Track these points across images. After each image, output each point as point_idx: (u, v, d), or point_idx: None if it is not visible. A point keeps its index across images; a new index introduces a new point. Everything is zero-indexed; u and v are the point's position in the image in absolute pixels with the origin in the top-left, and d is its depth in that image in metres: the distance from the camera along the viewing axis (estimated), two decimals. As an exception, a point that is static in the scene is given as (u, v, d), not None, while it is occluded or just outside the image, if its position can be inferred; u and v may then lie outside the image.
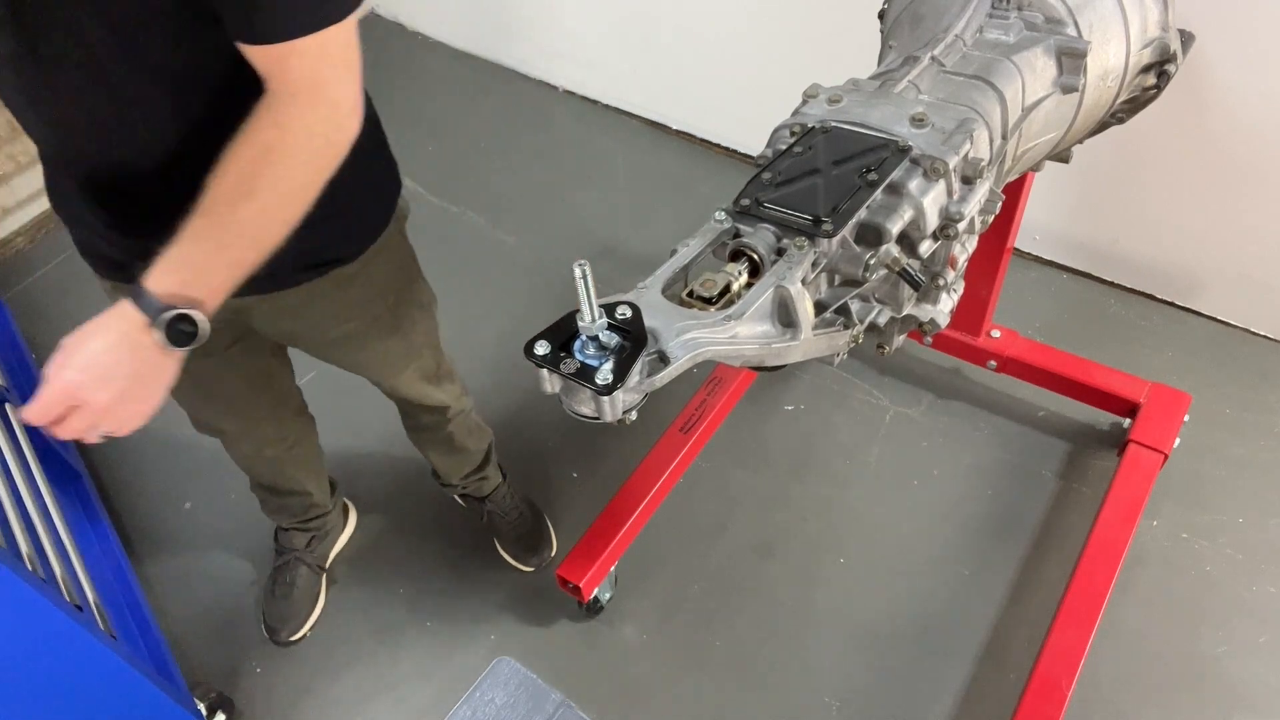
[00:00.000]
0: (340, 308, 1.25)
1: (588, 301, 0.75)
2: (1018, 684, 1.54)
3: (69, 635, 1.26)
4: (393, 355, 1.41)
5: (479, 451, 1.76)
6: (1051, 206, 2.17)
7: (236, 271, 0.89)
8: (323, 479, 1.76)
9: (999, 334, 1.95)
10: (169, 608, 1.85)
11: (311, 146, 0.88)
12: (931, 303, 1.13)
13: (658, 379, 0.82)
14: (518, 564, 1.86)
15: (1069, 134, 1.32)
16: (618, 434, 2.02)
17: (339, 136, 0.90)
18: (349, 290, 1.23)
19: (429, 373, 1.50)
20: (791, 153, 1.03)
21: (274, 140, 0.86)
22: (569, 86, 2.98)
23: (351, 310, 1.27)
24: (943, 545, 1.83)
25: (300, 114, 0.86)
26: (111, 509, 2.00)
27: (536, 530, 1.87)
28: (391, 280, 1.31)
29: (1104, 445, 1.95)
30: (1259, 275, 2.02)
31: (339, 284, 1.20)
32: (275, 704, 1.72)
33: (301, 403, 1.61)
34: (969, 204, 1.03)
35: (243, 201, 0.86)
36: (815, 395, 2.10)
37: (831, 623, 1.75)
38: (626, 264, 2.42)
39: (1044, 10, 1.23)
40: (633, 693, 1.69)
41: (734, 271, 0.93)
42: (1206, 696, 1.60)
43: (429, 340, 1.47)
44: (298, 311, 1.22)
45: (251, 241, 0.89)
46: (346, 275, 1.20)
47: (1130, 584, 1.72)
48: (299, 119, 0.87)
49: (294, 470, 1.65)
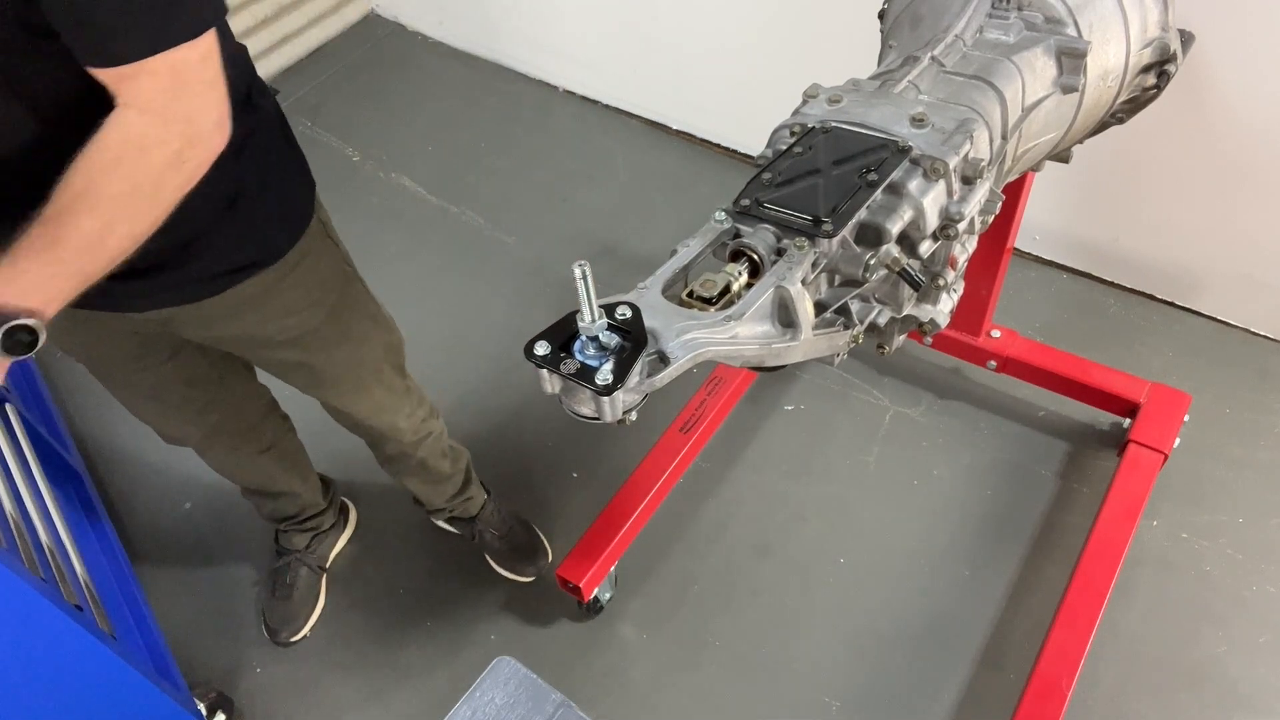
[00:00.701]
0: (271, 313, 1.23)
1: (588, 302, 0.75)
2: (1018, 684, 1.54)
3: (69, 635, 1.26)
4: (342, 369, 1.37)
5: (458, 473, 1.74)
6: (1051, 206, 2.17)
7: (77, 282, 0.87)
8: (310, 477, 1.75)
9: (999, 334, 1.95)
10: (169, 608, 1.85)
11: (161, 162, 0.85)
12: (931, 303, 1.13)
13: (658, 379, 0.81)
14: (516, 576, 1.84)
15: (1069, 134, 1.32)
16: (618, 434, 2.02)
17: (194, 152, 0.88)
18: (279, 295, 1.20)
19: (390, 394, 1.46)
20: (791, 153, 1.03)
21: (120, 154, 0.84)
22: (569, 86, 2.98)
23: (285, 315, 1.24)
24: (942, 545, 1.83)
25: (151, 130, 0.84)
26: (111, 509, 2.00)
27: (529, 541, 1.86)
28: (325, 283, 1.27)
29: (1104, 445, 1.95)
30: (1259, 275, 2.02)
31: (265, 288, 1.18)
32: (275, 704, 1.72)
33: (271, 403, 1.59)
34: (969, 204, 1.03)
35: (85, 214, 0.84)
36: (815, 395, 2.10)
37: (831, 623, 1.75)
38: (626, 264, 2.42)
39: (1044, 10, 1.23)
40: (633, 693, 1.69)
41: (734, 272, 0.93)
42: (1206, 696, 1.60)
43: (389, 358, 1.44)
44: (227, 320, 1.20)
45: (92, 253, 0.86)
46: (272, 279, 1.18)
47: (1130, 584, 1.72)
48: (150, 134, 0.84)
49: (276, 471, 1.64)
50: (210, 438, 1.51)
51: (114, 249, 0.87)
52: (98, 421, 2.19)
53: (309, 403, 1.66)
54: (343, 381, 1.40)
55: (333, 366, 1.36)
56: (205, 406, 1.45)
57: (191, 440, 1.51)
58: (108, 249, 0.87)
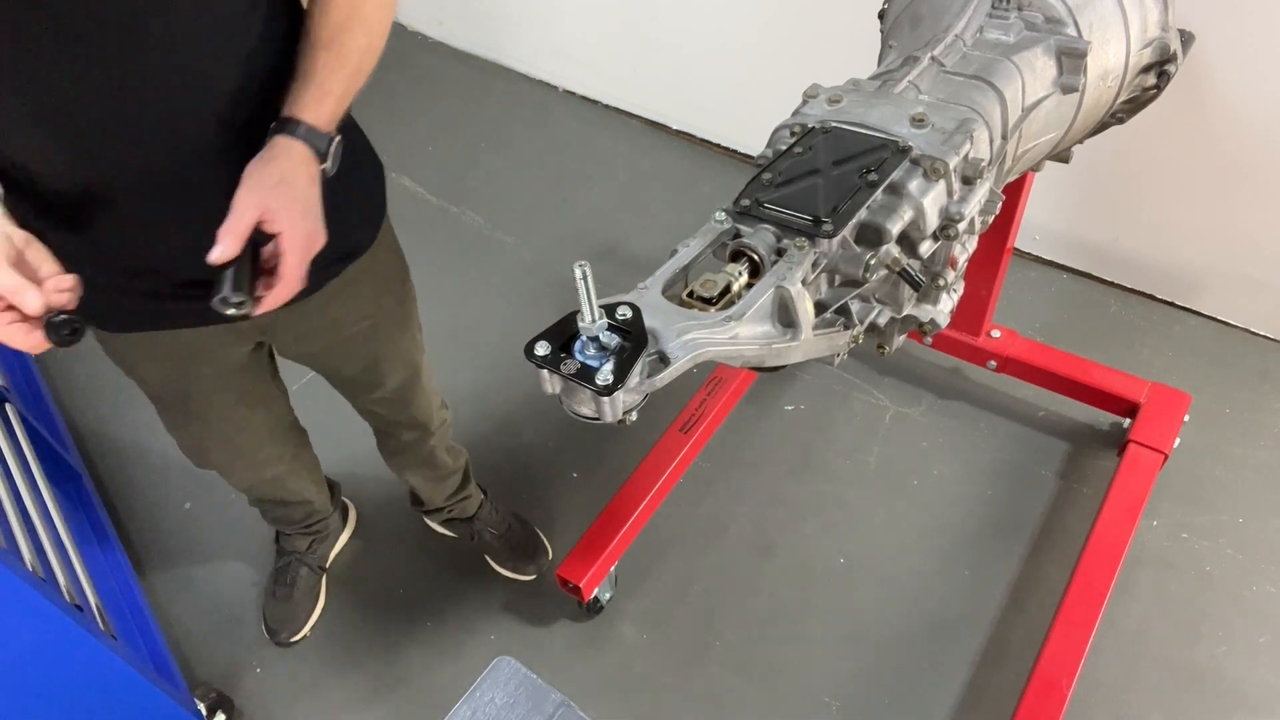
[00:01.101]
0: (355, 304, 1.24)
1: (588, 302, 0.75)
2: (1018, 684, 1.54)
3: (69, 635, 1.26)
4: (405, 354, 1.40)
5: (459, 470, 1.74)
6: (1051, 206, 2.17)
7: (346, 105, 0.96)
8: (322, 485, 1.74)
9: (999, 334, 1.95)
10: (169, 608, 1.85)
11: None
12: (931, 303, 1.13)
13: (658, 379, 0.81)
14: (518, 575, 1.84)
15: (1069, 134, 1.32)
16: (618, 434, 2.02)
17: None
18: (362, 286, 1.22)
19: (426, 374, 1.49)
20: (792, 153, 1.03)
21: None
22: (569, 86, 2.98)
23: (366, 304, 1.26)
24: (943, 545, 1.83)
25: None
26: (112, 509, 2.00)
27: (528, 539, 1.86)
28: (395, 268, 1.30)
29: (1104, 445, 1.95)
30: (1259, 275, 2.02)
31: (352, 281, 1.19)
32: (275, 704, 1.72)
33: (294, 417, 1.58)
34: (969, 204, 1.03)
35: (358, 32, 0.94)
36: (815, 395, 2.10)
37: (831, 623, 1.75)
38: (626, 264, 2.42)
39: (1044, 10, 1.23)
40: (633, 693, 1.69)
41: (734, 272, 0.93)
42: (1206, 696, 1.60)
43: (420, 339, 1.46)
44: (318, 315, 1.20)
45: (361, 72, 0.95)
46: (359, 269, 1.19)
47: (1130, 584, 1.72)
48: None
49: (294, 483, 1.63)
50: (247, 463, 1.49)
51: (370, 66, 0.97)
52: (98, 421, 2.19)
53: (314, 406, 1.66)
54: (402, 368, 1.41)
55: (398, 353, 1.39)
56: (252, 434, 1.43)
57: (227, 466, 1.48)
58: (369, 66, 0.97)
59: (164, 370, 1.24)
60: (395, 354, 1.39)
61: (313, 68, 0.92)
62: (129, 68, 0.85)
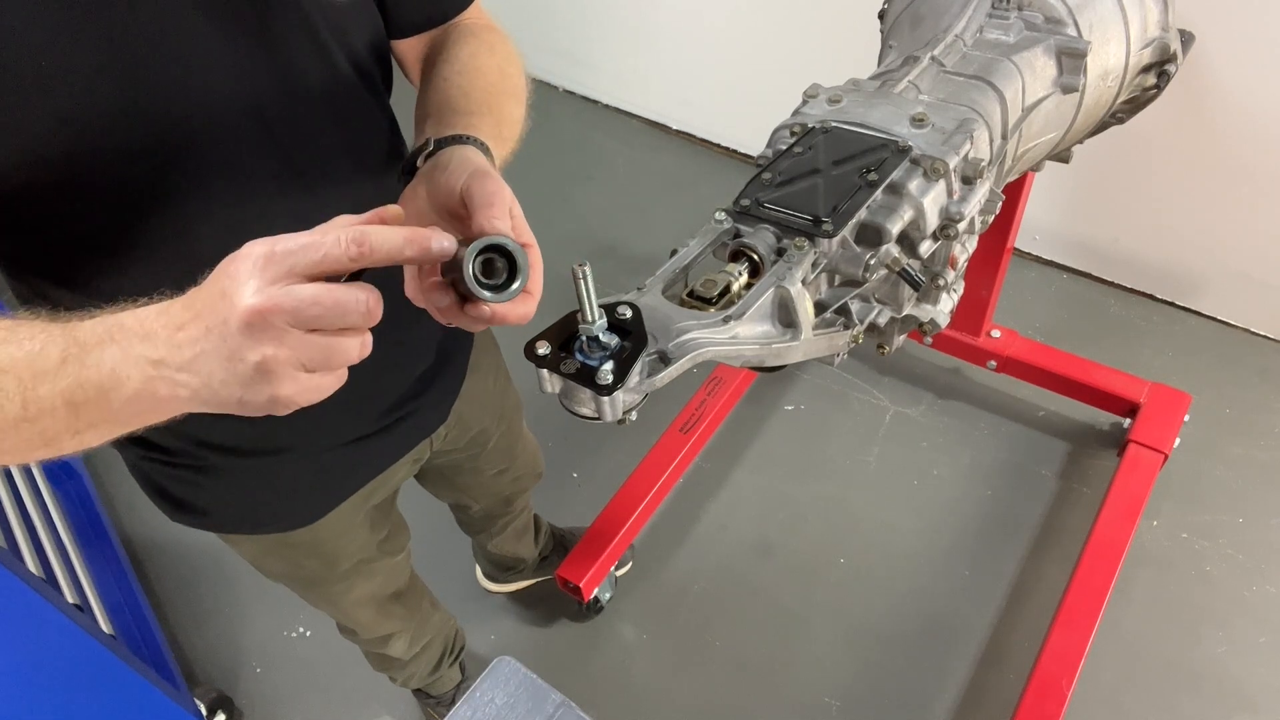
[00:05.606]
0: (487, 388, 1.17)
1: (588, 302, 0.75)
2: (1018, 684, 1.54)
3: (69, 635, 1.26)
4: (519, 427, 1.33)
5: (528, 508, 1.63)
6: (1051, 206, 2.17)
7: None
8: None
9: (999, 334, 1.95)
10: (169, 608, 1.85)
11: (520, 63, 0.94)
12: (931, 303, 1.12)
13: (658, 379, 0.81)
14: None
15: (1069, 134, 1.32)
16: (618, 434, 2.02)
17: None
18: (482, 369, 1.14)
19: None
20: (791, 153, 1.03)
21: (510, 51, 0.92)
22: (569, 86, 2.98)
23: (490, 386, 1.18)
24: (943, 545, 1.83)
25: (502, 36, 0.95)
26: (112, 509, 2.00)
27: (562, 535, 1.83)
28: (493, 345, 1.22)
29: (1104, 445, 1.95)
30: (1259, 275, 2.02)
31: (474, 363, 1.11)
32: (275, 704, 1.72)
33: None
34: (969, 204, 1.03)
35: (513, 100, 0.90)
36: (815, 395, 2.10)
37: (832, 622, 1.75)
38: (626, 264, 2.42)
39: (1044, 10, 1.23)
40: (633, 693, 1.69)
41: (734, 272, 0.93)
42: (1206, 696, 1.60)
43: None
44: (469, 405, 1.12)
45: (514, 139, 0.89)
46: (475, 353, 1.12)
47: (1130, 584, 1.72)
48: (504, 39, 0.95)
49: None
50: (415, 621, 1.42)
51: (519, 136, 0.92)
52: (98, 421, 2.19)
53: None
54: (521, 439, 1.35)
55: (516, 429, 1.33)
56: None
57: (398, 631, 1.39)
58: (518, 135, 0.91)
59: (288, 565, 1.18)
60: (516, 431, 1.31)
61: (478, 127, 0.80)
62: None
